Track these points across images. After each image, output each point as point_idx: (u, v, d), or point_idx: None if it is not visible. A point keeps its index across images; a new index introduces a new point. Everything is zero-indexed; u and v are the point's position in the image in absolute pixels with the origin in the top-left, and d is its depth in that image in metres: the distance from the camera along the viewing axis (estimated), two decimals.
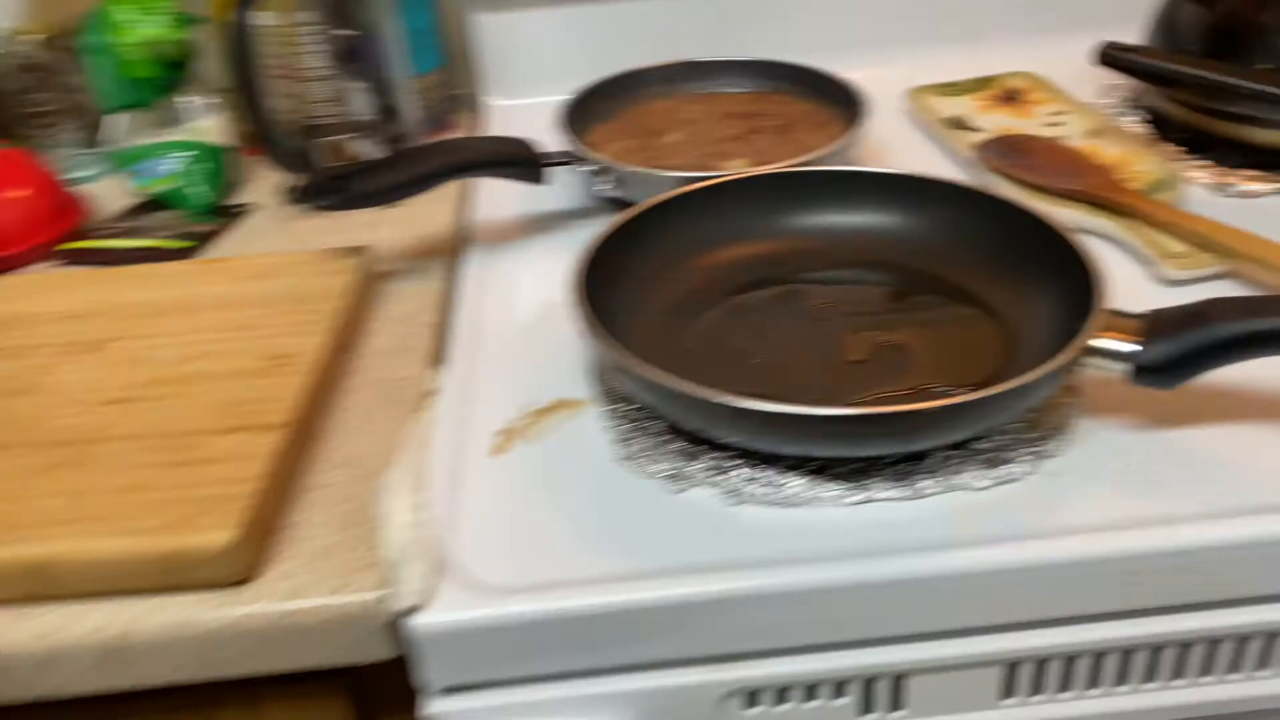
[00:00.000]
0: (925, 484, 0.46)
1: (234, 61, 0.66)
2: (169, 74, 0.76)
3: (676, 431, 0.50)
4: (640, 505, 0.47)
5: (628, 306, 0.56)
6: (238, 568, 0.44)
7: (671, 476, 0.48)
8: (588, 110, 0.77)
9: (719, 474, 0.48)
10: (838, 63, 0.79)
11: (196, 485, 0.46)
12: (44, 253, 0.71)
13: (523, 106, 0.89)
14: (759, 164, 0.70)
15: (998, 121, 0.78)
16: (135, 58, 0.74)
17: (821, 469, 0.47)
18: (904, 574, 0.43)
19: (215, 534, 0.43)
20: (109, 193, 0.81)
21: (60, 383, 0.54)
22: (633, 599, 0.43)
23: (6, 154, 0.73)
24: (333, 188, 0.60)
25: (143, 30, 0.73)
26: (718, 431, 0.47)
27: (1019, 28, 0.89)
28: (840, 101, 0.76)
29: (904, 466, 0.47)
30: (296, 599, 0.44)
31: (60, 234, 0.73)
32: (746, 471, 0.47)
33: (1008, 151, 0.72)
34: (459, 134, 0.87)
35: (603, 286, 0.55)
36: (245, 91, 0.66)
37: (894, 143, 0.79)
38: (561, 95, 0.80)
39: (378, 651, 0.45)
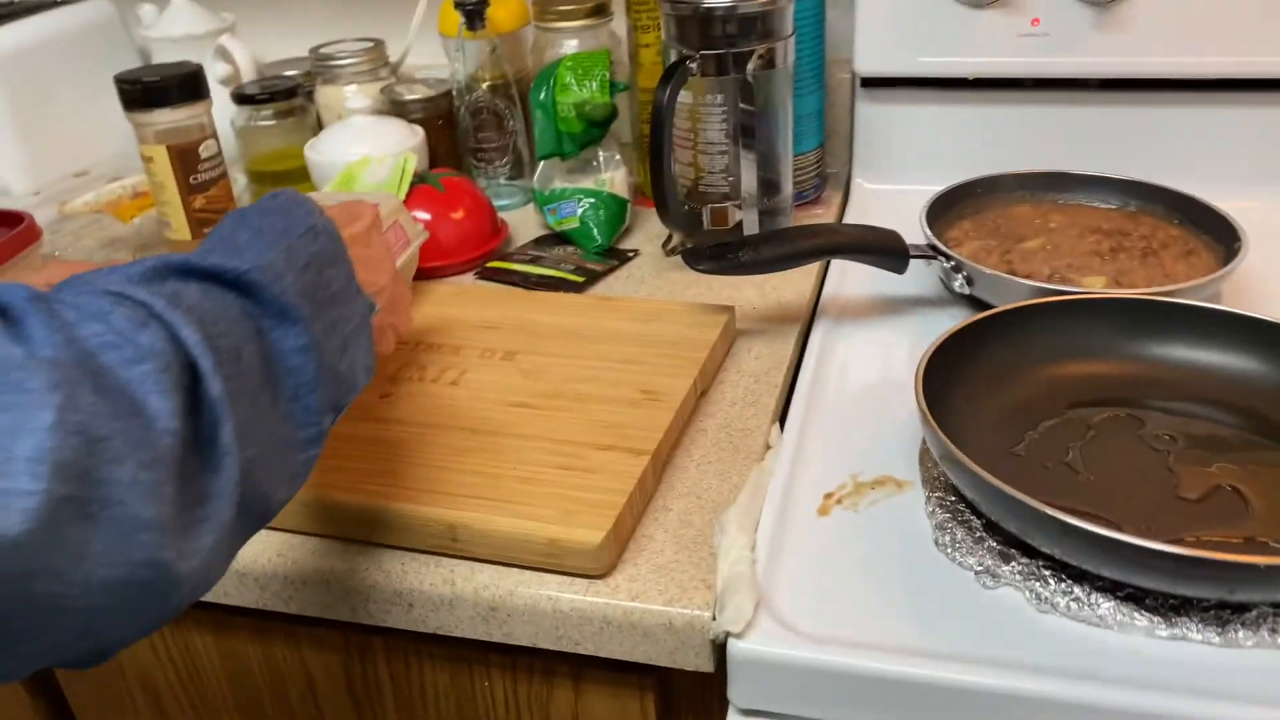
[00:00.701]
0: (1243, 635, 0.47)
1: (651, 129, 0.76)
2: (591, 131, 0.88)
3: (993, 530, 0.53)
4: (948, 592, 0.51)
5: (966, 402, 0.60)
6: (599, 564, 0.53)
7: (983, 572, 0.52)
8: (952, 206, 0.82)
9: (1030, 579, 0.51)
10: (1215, 191, 0.78)
11: (578, 488, 0.55)
12: (472, 267, 0.86)
13: (887, 191, 0.95)
14: (1116, 285, 0.71)
15: None
16: (568, 115, 0.87)
17: (1136, 596, 0.49)
18: (1204, 718, 0.44)
19: (590, 533, 0.52)
20: (521, 222, 0.96)
21: (478, 380, 0.66)
22: (928, 675, 0.47)
23: (457, 182, 0.89)
24: (715, 254, 0.69)
25: (578, 93, 0.86)
26: (1037, 541, 0.50)
27: None
28: (1212, 231, 0.75)
29: (1223, 613, 0.48)
30: (639, 600, 0.52)
31: (486, 253, 0.87)
32: (1058, 584, 0.50)
33: None
34: (825, 210, 0.95)
35: (945, 378, 0.60)
36: (654, 156, 0.77)
37: (1267, 282, 0.76)
38: (925, 186, 0.85)
39: (694, 661, 0.52)
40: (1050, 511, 0.47)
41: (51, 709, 0.74)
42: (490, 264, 0.87)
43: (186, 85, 0.84)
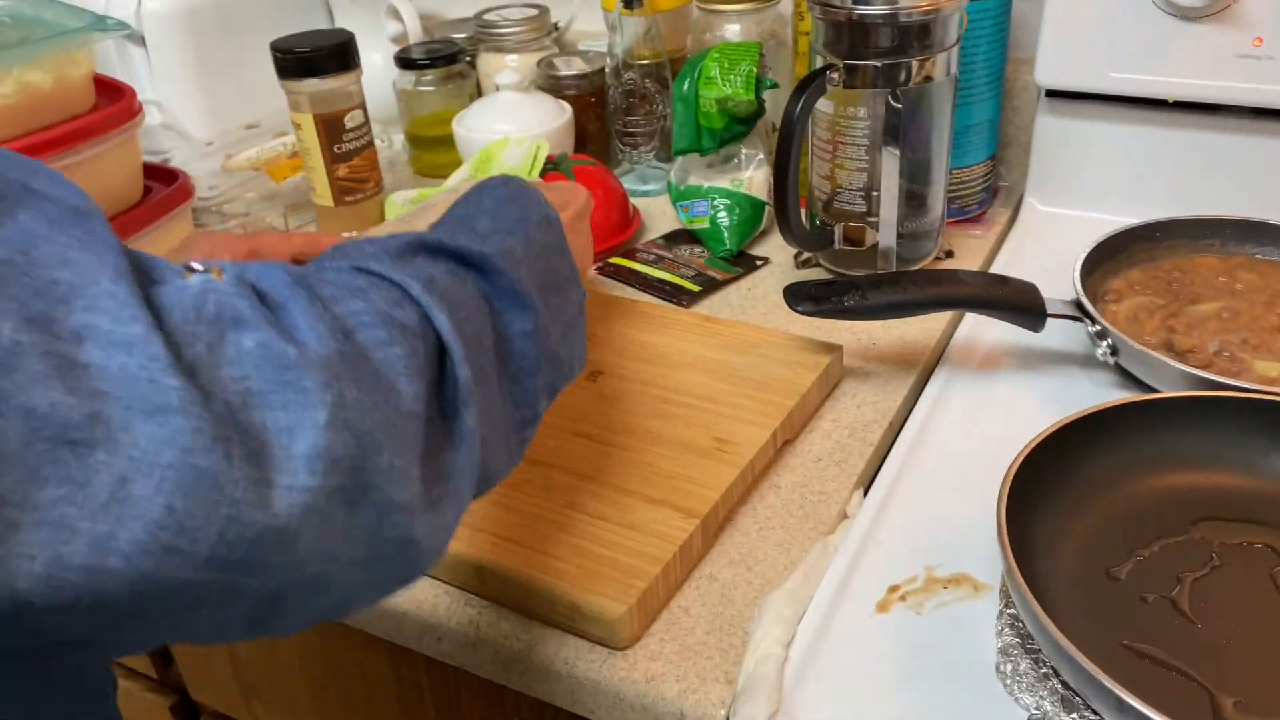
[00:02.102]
0: None
1: (778, 140, 0.71)
2: (733, 127, 0.83)
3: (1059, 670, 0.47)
4: None
5: (1074, 504, 0.54)
6: (619, 637, 0.50)
7: (1039, 717, 0.46)
8: (1121, 250, 0.72)
9: None
10: None
11: (613, 547, 0.53)
12: (595, 261, 0.84)
13: (1061, 216, 0.85)
14: None
15: None
16: (710, 109, 0.82)
17: None
18: None
19: (610, 605, 0.50)
20: (659, 210, 0.92)
21: (556, 401, 0.64)
22: None
23: (592, 171, 0.86)
24: (818, 295, 0.63)
25: (721, 88, 0.81)
26: (1094, 705, 0.44)
27: None
28: None
29: None
30: (654, 682, 0.49)
31: (611, 248, 0.85)
32: None
33: None
34: (984, 231, 0.86)
35: (1056, 471, 0.53)
36: (779, 171, 0.71)
37: None
38: (1106, 215, 0.75)
39: None
40: (1105, 681, 0.41)
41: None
42: (613, 259, 0.84)
43: (336, 56, 0.85)
